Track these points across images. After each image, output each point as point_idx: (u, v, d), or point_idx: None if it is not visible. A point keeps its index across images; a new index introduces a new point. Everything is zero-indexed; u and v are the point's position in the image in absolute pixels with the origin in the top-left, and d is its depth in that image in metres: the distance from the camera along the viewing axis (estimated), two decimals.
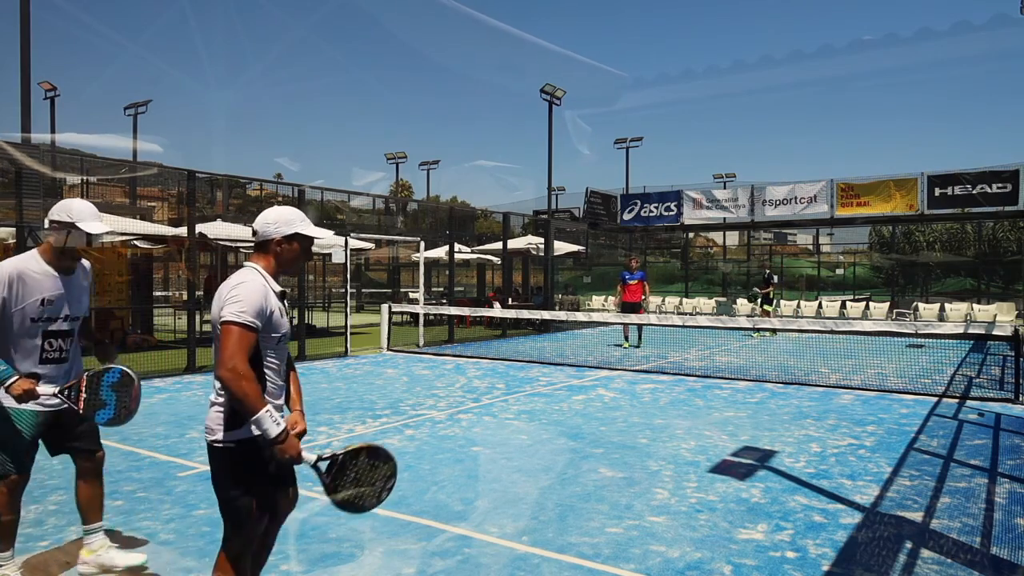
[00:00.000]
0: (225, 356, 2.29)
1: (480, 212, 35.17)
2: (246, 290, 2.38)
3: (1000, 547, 3.83)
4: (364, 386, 9.31)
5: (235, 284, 2.39)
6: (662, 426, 6.84)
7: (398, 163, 46.55)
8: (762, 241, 43.84)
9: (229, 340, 2.31)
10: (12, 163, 8.82)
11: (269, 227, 2.51)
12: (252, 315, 2.35)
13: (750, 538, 3.92)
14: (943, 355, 12.92)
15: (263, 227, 2.51)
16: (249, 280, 2.42)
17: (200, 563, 3.55)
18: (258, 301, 2.38)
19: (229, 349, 2.29)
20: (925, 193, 17.67)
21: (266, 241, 2.52)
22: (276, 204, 25.09)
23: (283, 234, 2.52)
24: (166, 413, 7.40)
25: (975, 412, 7.62)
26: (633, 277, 13.89)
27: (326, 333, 16.80)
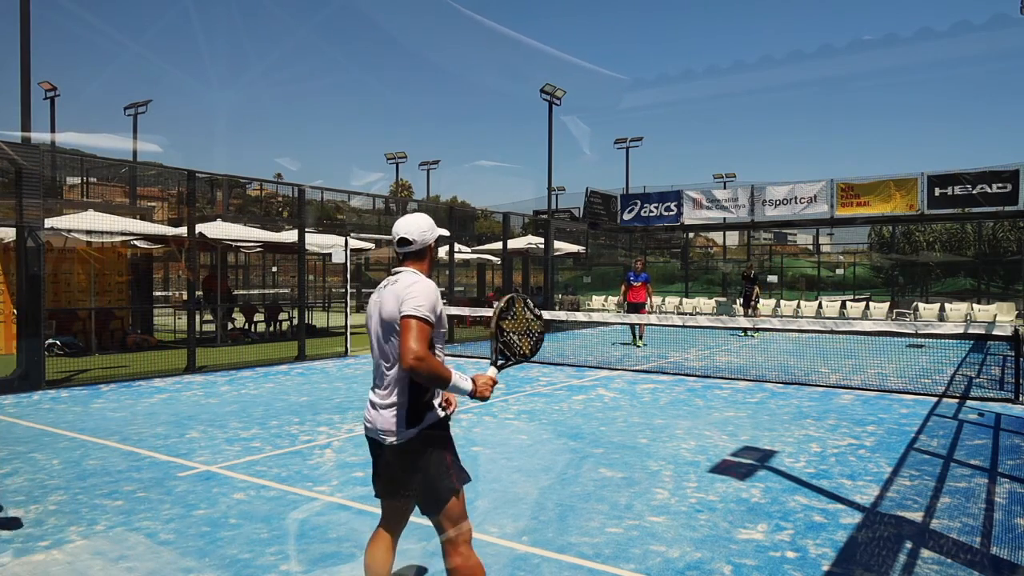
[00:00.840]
0: (409, 346, 2.40)
1: (480, 212, 35.18)
2: (422, 288, 2.54)
3: (1000, 547, 3.83)
4: (364, 386, 9.31)
5: (410, 284, 2.54)
6: (662, 426, 6.83)
7: (398, 163, 46.57)
8: (762, 241, 43.85)
9: (411, 332, 2.43)
10: (12, 163, 8.82)
11: (427, 234, 2.70)
12: (428, 310, 2.50)
13: (750, 538, 3.92)
14: (943, 355, 12.92)
15: (421, 235, 2.68)
16: (422, 280, 2.59)
17: (200, 563, 3.55)
18: (433, 298, 2.55)
19: (412, 339, 2.41)
20: (925, 193, 17.66)
21: (424, 247, 2.71)
22: (276, 204, 25.11)
23: (435, 238, 2.75)
24: (166, 413, 7.40)
25: (975, 412, 7.62)
26: (638, 279, 14.16)
27: (326, 333, 16.80)
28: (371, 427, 2.64)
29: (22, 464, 5.41)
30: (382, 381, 2.61)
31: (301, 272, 13.03)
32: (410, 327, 2.45)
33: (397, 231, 2.69)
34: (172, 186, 27.07)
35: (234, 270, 27.07)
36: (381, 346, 2.61)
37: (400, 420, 2.54)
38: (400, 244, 2.70)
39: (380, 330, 2.61)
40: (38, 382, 8.84)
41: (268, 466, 5.37)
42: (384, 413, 2.58)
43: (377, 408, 2.60)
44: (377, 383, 2.64)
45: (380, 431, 2.58)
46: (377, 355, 2.64)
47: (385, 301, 2.59)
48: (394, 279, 2.64)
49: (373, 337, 2.66)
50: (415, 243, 2.68)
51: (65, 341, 12.41)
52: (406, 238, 2.68)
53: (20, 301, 8.91)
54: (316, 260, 24.04)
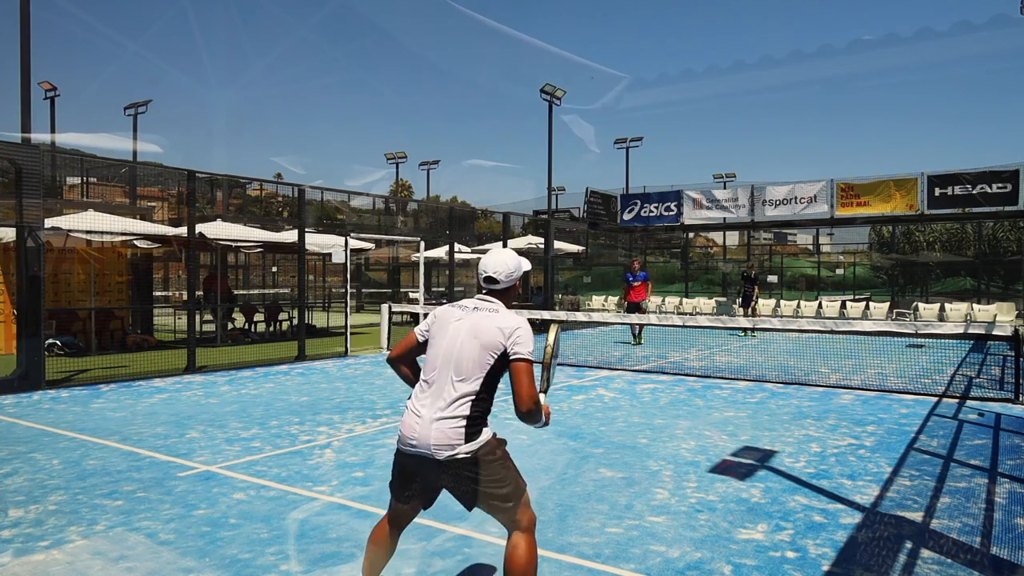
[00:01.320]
0: (529, 391, 2.61)
1: (480, 212, 35.18)
2: (529, 331, 2.72)
3: (1000, 547, 3.83)
4: (364, 386, 9.31)
5: (516, 323, 2.70)
6: (662, 426, 6.84)
7: (398, 163, 46.58)
8: (762, 241, 43.83)
9: (527, 376, 2.63)
10: (12, 163, 8.81)
11: (513, 275, 2.85)
12: (532, 349, 2.72)
13: (750, 538, 3.92)
14: (943, 355, 12.92)
15: (508, 276, 2.83)
16: (525, 320, 2.75)
17: (200, 563, 3.55)
18: (532, 337, 2.74)
19: (529, 383, 2.62)
20: (925, 193, 17.66)
21: (511, 285, 2.87)
22: (276, 204, 25.11)
23: (520, 275, 2.90)
24: (166, 413, 7.40)
25: (975, 412, 7.62)
26: (636, 279, 14.35)
27: (326, 333, 16.80)
28: (416, 441, 2.64)
29: (22, 464, 5.41)
30: (450, 395, 2.65)
31: (301, 272, 13.03)
32: (526, 372, 2.63)
33: (485, 269, 2.82)
34: (172, 186, 27.07)
35: (234, 270, 27.06)
36: (461, 363, 2.67)
37: (463, 435, 2.62)
38: (487, 281, 2.83)
39: (466, 348, 2.68)
40: (38, 382, 8.84)
41: (268, 466, 5.37)
42: (443, 426, 2.61)
43: (434, 422, 2.62)
44: (439, 396, 2.66)
45: (434, 446, 2.60)
46: (450, 369, 2.68)
47: (481, 326, 2.70)
48: (487, 307, 2.77)
49: (447, 352, 2.71)
50: (501, 283, 2.83)
51: (65, 341, 12.41)
52: (493, 277, 2.81)
53: (20, 301, 8.91)
54: (316, 260, 24.03)
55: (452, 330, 2.73)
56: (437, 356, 2.72)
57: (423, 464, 2.66)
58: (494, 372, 2.68)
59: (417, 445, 2.63)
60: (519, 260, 2.88)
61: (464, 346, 2.68)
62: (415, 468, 2.70)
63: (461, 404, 2.63)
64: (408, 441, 2.66)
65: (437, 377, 2.69)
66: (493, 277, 2.81)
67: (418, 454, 2.64)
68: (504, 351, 2.66)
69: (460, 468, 2.63)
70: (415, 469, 2.70)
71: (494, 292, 2.83)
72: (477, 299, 2.84)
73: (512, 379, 2.64)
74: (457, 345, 2.69)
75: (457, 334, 2.71)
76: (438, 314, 2.84)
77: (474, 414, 2.64)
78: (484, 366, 2.66)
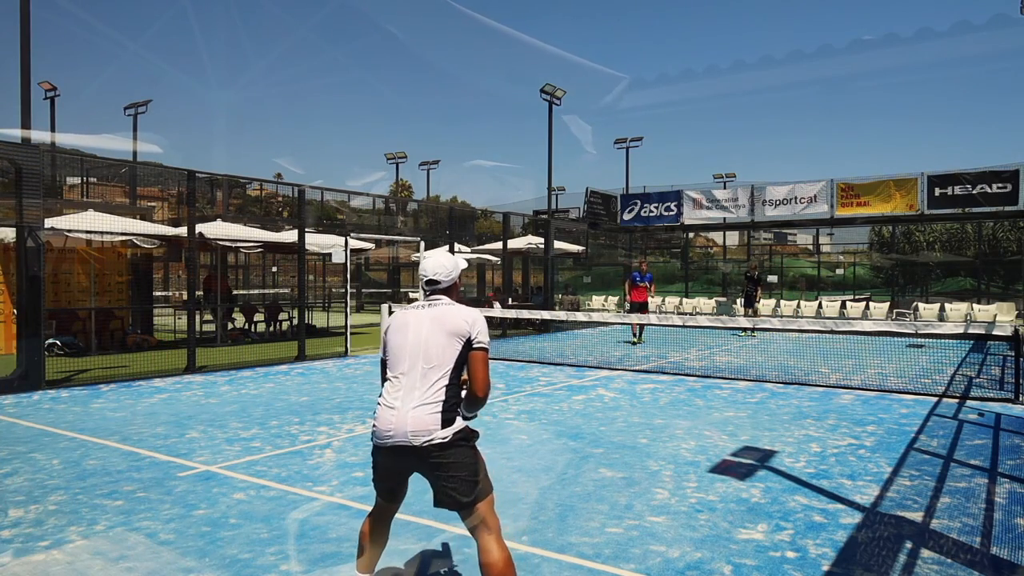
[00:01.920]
0: (487, 376, 2.80)
1: (480, 212, 35.17)
2: (485, 322, 2.87)
3: (1000, 547, 3.83)
4: (364, 386, 9.31)
5: (476, 315, 2.85)
6: (662, 426, 6.83)
7: (398, 163, 46.56)
8: (762, 241, 43.83)
9: (485, 363, 2.80)
10: (12, 163, 8.81)
11: (452, 273, 2.99)
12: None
13: (750, 538, 3.92)
14: (943, 355, 12.92)
15: (448, 275, 2.97)
16: (480, 313, 2.90)
17: (200, 563, 3.55)
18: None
19: (487, 370, 2.80)
20: (925, 193, 17.66)
21: (451, 284, 3.00)
22: (276, 204, 25.09)
23: (459, 273, 3.05)
24: (166, 413, 7.40)
25: (975, 412, 7.62)
26: (643, 279, 14.71)
27: (326, 333, 16.80)
28: (392, 431, 2.71)
29: (22, 464, 5.41)
30: (423, 384, 2.75)
31: (301, 272, 13.03)
32: (484, 360, 2.80)
33: (425, 273, 2.96)
34: (172, 186, 27.06)
35: (234, 270, 27.06)
36: (430, 352, 2.78)
37: (439, 420, 2.71)
38: (429, 284, 2.97)
39: (433, 338, 2.79)
40: (38, 382, 8.84)
41: (268, 466, 5.37)
42: (419, 413, 2.70)
43: (410, 410, 2.71)
44: (413, 387, 2.75)
45: (411, 432, 2.68)
46: (419, 361, 2.78)
47: (444, 316, 2.83)
48: (441, 302, 2.90)
49: (414, 345, 2.81)
50: (443, 283, 2.96)
51: (65, 341, 12.41)
52: (434, 279, 2.96)
53: (20, 301, 8.91)
54: (316, 260, 24.03)
55: (413, 326, 2.84)
56: (403, 351, 2.82)
57: (400, 454, 2.73)
58: (461, 358, 2.79)
59: (394, 434, 2.70)
60: (455, 259, 3.05)
61: (430, 337, 2.79)
62: (392, 461, 2.78)
63: (435, 391, 2.73)
64: (384, 433, 2.73)
65: (408, 370, 2.78)
66: (434, 279, 2.96)
67: (395, 444, 2.71)
68: (469, 339, 2.79)
69: (436, 454, 2.70)
70: (392, 462, 2.78)
71: (439, 291, 2.97)
72: (427, 300, 2.97)
73: (471, 366, 2.79)
74: (423, 337, 2.80)
75: (420, 328, 2.83)
76: (393, 319, 2.95)
77: (448, 399, 2.74)
78: (453, 352, 2.77)
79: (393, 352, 2.85)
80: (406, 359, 2.80)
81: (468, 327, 2.81)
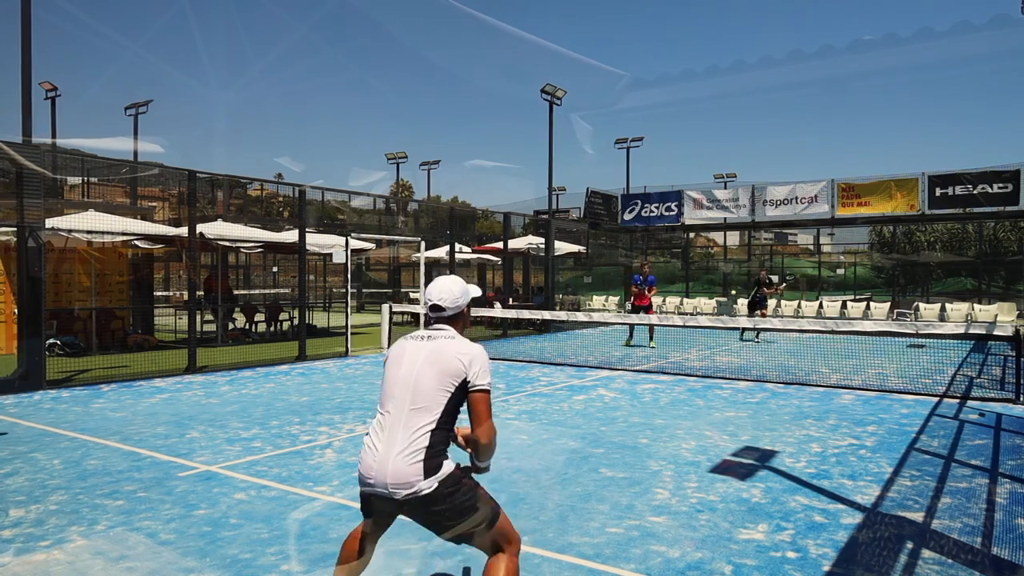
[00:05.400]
0: (488, 419, 2.55)
1: (481, 212, 35.18)
2: (486, 360, 2.62)
3: (1001, 547, 3.83)
4: (365, 386, 9.31)
5: (474, 351, 2.60)
6: (663, 426, 6.83)
7: (398, 163, 46.52)
8: (763, 241, 43.80)
9: (487, 407, 2.57)
10: (13, 164, 8.82)
11: (459, 301, 2.75)
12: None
13: (751, 538, 3.92)
14: (944, 355, 12.91)
15: (454, 303, 2.73)
16: (481, 348, 2.65)
17: (201, 563, 3.55)
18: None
19: (489, 412, 2.56)
20: (926, 193, 17.67)
21: (458, 312, 2.77)
22: (277, 204, 25.09)
23: (468, 302, 2.81)
24: (167, 413, 7.40)
25: (976, 412, 7.61)
26: (645, 283, 14.51)
27: (327, 333, 16.81)
28: (373, 479, 2.50)
29: (23, 464, 5.41)
30: (407, 428, 2.50)
31: (302, 272, 13.03)
32: (485, 402, 2.56)
33: (430, 297, 2.74)
34: (173, 186, 27.08)
35: (235, 270, 27.07)
36: (418, 391, 2.54)
37: (422, 470, 2.46)
38: (433, 310, 2.74)
39: (424, 376, 2.55)
40: (39, 382, 8.84)
41: (269, 466, 5.37)
42: (400, 462, 2.46)
43: (392, 457, 2.47)
44: (396, 429, 2.52)
45: (391, 484, 2.46)
46: (407, 400, 2.54)
47: (439, 352, 2.59)
48: (442, 334, 2.67)
49: (404, 381, 2.58)
50: (448, 310, 2.73)
51: (66, 341, 12.42)
52: (439, 305, 2.72)
53: (21, 301, 8.91)
54: (317, 260, 24.04)
55: (408, 359, 2.62)
56: (394, 387, 2.59)
57: (383, 503, 2.52)
58: (454, 401, 2.55)
59: (375, 484, 2.49)
60: (465, 287, 2.80)
61: (422, 374, 2.55)
62: (377, 508, 2.58)
63: (419, 435, 2.48)
64: (366, 480, 2.52)
65: (393, 408, 2.55)
66: (439, 305, 2.72)
67: (376, 494, 2.51)
68: (464, 380, 2.55)
69: (422, 506, 2.48)
70: (378, 509, 2.58)
71: (443, 320, 2.74)
72: (429, 329, 2.74)
73: (471, 410, 2.55)
74: (414, 374, 2.56)
75: (413, 363, 2.59)
76: (392, 348, 2.74)
77: (433, 444, 2.49)
78: (444, 394, 2.53)
79: (386, 385, 2.63)
80: (395, 396, 2.57)
81: (464, 367, 2.54)
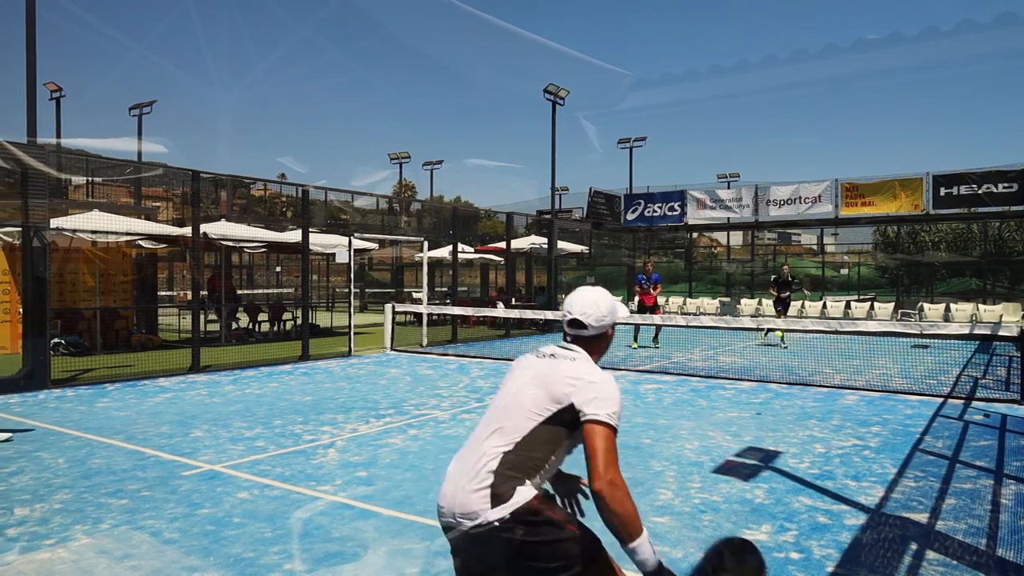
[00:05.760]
0: (603, 465, 1.98)
1: (484, 212, 35.19)
2: (614, 388, 2.11)
3: (1006, 549, 3.81)
4: (368, 386, 9.32)
5: (600, 376, 2.14)
6: (665, 426, 6.82)
7: (401, 163, 46.55)
8: (766, 241, 43.74)
9: (607, 444, 2.01)
10: (18, 163, 8.85)
11: (604, 320, 2.30)
12: (619, 419, 2.09)
13: (754, 539, 3.91)
14: (948, 356, 12.87)
15: (599, 319, 2.28)
16: (609, 376, 2.15)
17: (204, 562, 3.56)
18: (621, 402, 2.12)
19: (607, 456, 1.99)
20: (930, 193, 17.60)
21: (600, 334, 2.31)
22: (280, 204, 25.04)
23: (614, 322, 2.35)
24: (171, 412, 7.42)
25: (981, 413, 7.59)
26: (650, 282, 14.38)
27: (330, 333, 16.82)
28: (444, 508, 2.11)
29: (28, 463, 5.43)
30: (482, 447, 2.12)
31: (305, 272, 13.05)
32: (604, 437, 2.01)
33: (570, 310, 2.30)
34: (176, 186, 27.15)
35: (238, 270, 27.13)
36: (508, 410, 2.15)
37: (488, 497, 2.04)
38: (571, 325, 2.30)
39: (522, 395, 2.16)
40: (44, 381, 8.87)
41: (272, 465, 5.38)
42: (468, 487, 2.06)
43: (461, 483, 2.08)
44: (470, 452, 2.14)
45: (459, 514, 2.05)
46: (492, 421, 2.16)
47: (550, 372, 2.17)
48: (568, 354, 2.24)
49: (501, 399, 2.22)
50: (589, 328, 2.28)
51: (70, 341, 12.46)
52: (580, 320, 2.28)
53: (26, 301, 8.94)
54: (320, 260, 24.07)
55: (517, 375, 2.26)
56: (493, 402, 2.26)
57: (457, 539, 2.11)
58: (547, 432, 2.10)
59: (445, 513, 2.11)
60: (613, 303, 2.34)
61: (521, 393, 2.16)
62: (455, 544, 2.14)
63: (491, 458, 2.08)
64: (440, 509, 2.14)
65: (478, 428, 2.20)
66: (579, 320, 2.26)
67: (448, 525, 2.12)
68: (570, 406, 2.07)
69: (490, 541, 2.02)
70: (455, 546, 2.14)
71: (579, 339, 2.29)
72: (557, 345, 2.33)
73: (584, 446, 2.05)
74: (513, 391, 2.19)
75: (520, 380, 2.22)
76: (514, 362, 2.38)
77: (503, 471, 2.05)
78: (532, 420, 2.10)
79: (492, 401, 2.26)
80: (489, 411, 2.22)
81: (569, 389, 2.08)
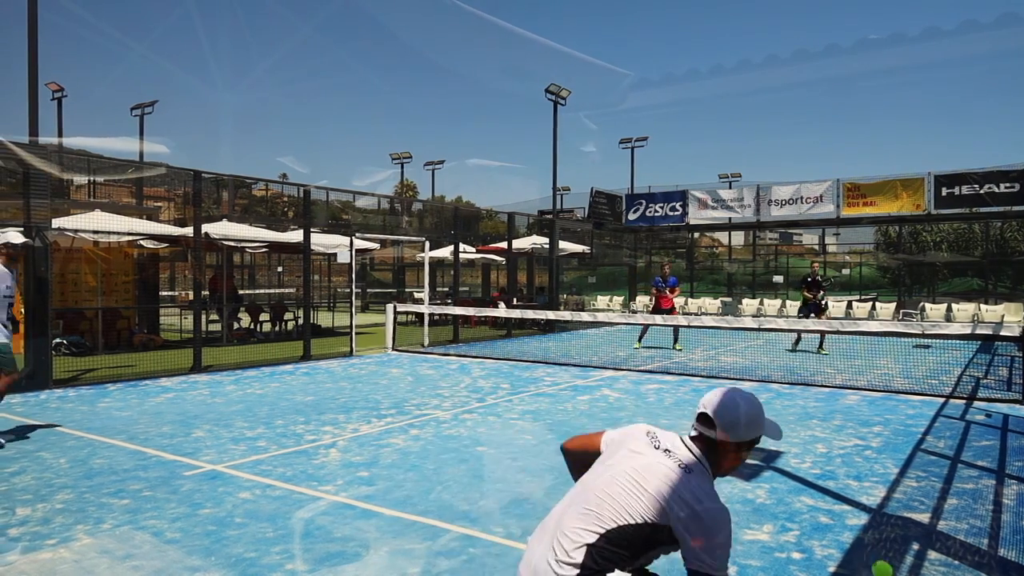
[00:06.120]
0: None
1: (485, 212, 35.19)
2: (728, 533, 1.91)
3: (1008, 549, 3.81)
4: (369, 386, 9.32)
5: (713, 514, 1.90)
6: (667, 426, 6.78)
7: (403, 163, 46.57)
8: (767, 241, 43.70)
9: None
10: (20, 163, 8.86)
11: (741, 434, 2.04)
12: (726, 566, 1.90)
13: (755, 539, 3.91)
14: (950, 356, 12.86)
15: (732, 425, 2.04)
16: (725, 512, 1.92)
17: (206, 562, 3.56)
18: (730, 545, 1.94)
19: None
20: (932, 193, 17.58)
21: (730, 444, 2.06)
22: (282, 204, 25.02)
23: (751, 439, 2.06)
24: (172, 412, 7.43)
25: (982, 413, 7.58)
26: (667, 284, 14.00)
27: (331, 333, 16.83)
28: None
29: (30, 463, 5.43)
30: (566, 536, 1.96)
31: (306, 272, 13.06)
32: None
33: (706, 406, 2.12)
34: (178, 186, 27.17)
35: (240, 270, 27.14)
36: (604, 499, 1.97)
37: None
38: (701, 420, 2.12)
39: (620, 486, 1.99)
40: (45, 381, 8.88)
41: (273, 465, 5.38)
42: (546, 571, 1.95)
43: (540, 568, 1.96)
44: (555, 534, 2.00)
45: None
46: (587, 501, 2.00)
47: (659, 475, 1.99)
48: (683, 456, 2.06)
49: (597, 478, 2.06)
50: (717, 433, 2.07)
51: (72, 340, 12.47)
52: (710, 417, 2.09)
53: (28, 301, 8.95)
54: (321, 260, 24.08)
55: (622, 456, 2.07)
56: (585, 480, 2.09)
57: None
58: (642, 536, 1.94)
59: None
60: (760, 418, 2.08)
61: (620, 483, 1.98)
62: None
63: (576, 550, 1.92)
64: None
65: (568, 505, 2.05)
66: (710, 417, 2.06)
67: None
68: (669, 532, 1.91)
69: None
70: None
71: (704, 440, 2.09)
72: (679, 436, 2.16)
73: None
74: (613, 474, 2.02)
75: (623, 464, 2.04)
76: (627, 431, 2.23)
77: (589, 565, 1.90)
78: (628, 519, 1.92)
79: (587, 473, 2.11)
80: (578, 490, 2.06)
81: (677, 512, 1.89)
